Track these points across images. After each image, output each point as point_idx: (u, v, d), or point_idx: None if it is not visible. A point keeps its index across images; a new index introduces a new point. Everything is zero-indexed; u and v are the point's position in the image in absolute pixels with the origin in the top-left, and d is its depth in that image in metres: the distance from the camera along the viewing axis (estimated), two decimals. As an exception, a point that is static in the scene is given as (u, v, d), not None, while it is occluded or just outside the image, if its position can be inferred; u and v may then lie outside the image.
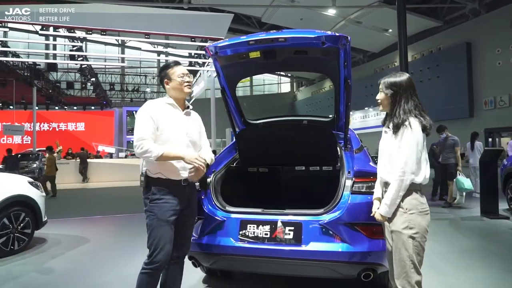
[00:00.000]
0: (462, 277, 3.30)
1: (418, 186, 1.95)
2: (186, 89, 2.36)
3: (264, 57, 2.70)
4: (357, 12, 23.29)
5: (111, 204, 9.12)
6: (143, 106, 2.30)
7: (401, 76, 2.05)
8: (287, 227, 2.44)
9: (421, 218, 1.91)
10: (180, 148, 2.23)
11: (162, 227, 2.17)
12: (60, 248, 4.72)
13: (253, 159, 3.50)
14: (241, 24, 26.20)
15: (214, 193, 2.77)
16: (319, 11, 23.50)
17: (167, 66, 2.40)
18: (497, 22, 20.07)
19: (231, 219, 2.59)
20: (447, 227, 5.47)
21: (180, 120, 2.34)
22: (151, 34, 13.29)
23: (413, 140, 1.91)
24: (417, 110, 1.98)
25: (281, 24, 25.57)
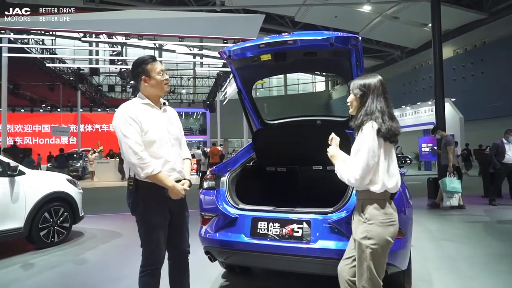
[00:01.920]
0: (484, 281, 3.16)
1: (382, 195, 1.85)
2: (166, 87, 2.24)
3: (275, 59, 2.77)
4: (394, 7, 22.57)
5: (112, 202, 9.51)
6: (121, 110, 2.12)
7: (370, 78, 1.97)
8: (296, 225, 2.49)
9: (382, 229, 1.82)
10: (170, 179, 2.12)
11: (156, 229, 2.14)
12: (95, 242, 5.05)
13: (270, 159, 3.57)
14: (274, 24, 26.27)
15: (228, 191, 2.87)
16: (353, 8, 23.03)
17: (144, 61, 2.18)
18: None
19: (243, 217, 2.68)
20: (480, 230, 5.22)
21: (160, 119, 2.22)
22: (185, 37, 13.72)
23: (362, 146, 1.82)
24: (380, 113, 1.85)
25: (314, 22, 25.32)
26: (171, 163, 2.23)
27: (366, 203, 1.88)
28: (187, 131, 30.70)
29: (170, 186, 2.12)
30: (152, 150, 2.15)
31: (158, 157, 2.17)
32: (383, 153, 1.85)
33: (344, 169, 1.93)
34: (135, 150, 2.04)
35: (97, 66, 21.58)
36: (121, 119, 2.11)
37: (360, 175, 1.81)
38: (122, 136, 2.08)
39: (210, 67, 23.86)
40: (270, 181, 3.66)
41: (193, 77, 27.34)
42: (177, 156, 2.31)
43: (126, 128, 2.08)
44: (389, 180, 1.85)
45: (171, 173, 2.21)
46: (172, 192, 2.13)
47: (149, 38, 13.26)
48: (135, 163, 2.04)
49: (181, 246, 2.33)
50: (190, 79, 27.20)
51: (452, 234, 4.92)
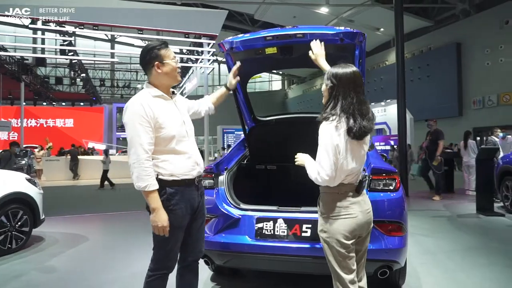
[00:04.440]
0: (470, 274, 3.33)
1: (336, 188, 1.81)
2: (179, 76, 2.05)
3: (281, 53, 2.67)
4: (350, 11, 23.41)
5: (104, 202, 9.00)
6: (134, 106, 1.90)
7: (344, 68, 1.82)
8: (304, 225, 2.43)
9: (337, 223, 1.79)
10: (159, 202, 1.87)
11: (176, 234, 1.97)
12: (59, 247, 4.62)
13: (264, 156, 3.48)
14: (233, 21, 26.11)
15: (227, 190, 2.74)
16: (312, 9, 23.54)
17: (156, 46, 1.97)
18: (486, 22, 20.41)
19: (247, 217, 2.56)
20: (447, 224, 5.54)
21: (175, 111, 2.04)
22: (145, 30, 13.11)
23: (321, 143, 1.77)
24: (349, 113, 1.76)
25: (274, 21, 25.50)
26: (194, 156, 2.07)
27: (322, 196, 1.89)
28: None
29: (154, 208, 1.86)
30: (172, 146, 1.98)
31: (179, 153, 2.00)
32: (349, 151, 1.78)
33: (311, 166, 1.86)
34: (140, 155, 1.85)
35: (43, 56, 19.92)
36: (132, 117, 1.89)
37: (329, 173, 1.74)
38: (130, 136, 1.89)
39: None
40: (266, 179, 3.57)
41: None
42: (196, 148, 2.17)
43: (134, 128, 1.87)
44: (346, 176, 1.80)
45: (195, 167, 2.06)
46: (155, 218, 1.86)
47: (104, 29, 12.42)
48: (134, 171, 1.86)
49: (196, 248, 2.18)
50: (146, 73, 26.12)
51: (424, 229, 5.16)
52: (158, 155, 1.94)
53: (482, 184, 6.33)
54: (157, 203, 1.87)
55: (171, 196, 1.93)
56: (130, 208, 7.37)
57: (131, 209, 7.26)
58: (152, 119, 1.89)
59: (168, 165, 1.95)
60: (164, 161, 1.95)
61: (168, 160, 1.96)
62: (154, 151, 1.92)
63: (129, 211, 7.21)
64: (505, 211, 6.24)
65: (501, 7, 19.75)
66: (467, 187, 8.88)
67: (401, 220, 2.45)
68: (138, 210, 7.02)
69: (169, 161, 1.96)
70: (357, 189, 1.87)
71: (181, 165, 1.99)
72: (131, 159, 1.87)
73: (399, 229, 2.44)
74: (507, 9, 19.48)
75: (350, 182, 1.84)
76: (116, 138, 29.01)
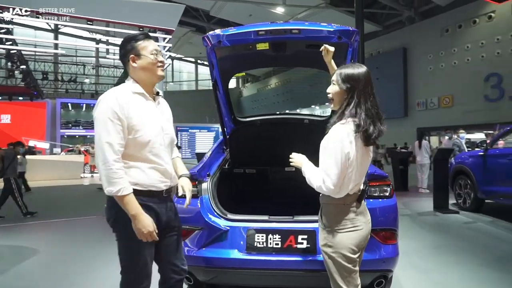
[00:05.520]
0: (445, 274, 3.40)
1: (341, 199, 1.69)
2: (159, 71, 1.83)
3: (274, 49, 2.48)
4: (305, 12, 23.82)
5: (50, 207, 8.19)
6: (106, 100, 1.67)
7: (359, 68, 1.70)
8: (299, 236, 2.28)
9: (343, 236, 1.68)
10: (138, 207, 1.66)
11: (144, 250, 1.74)
12: (5, 263, 4.05)
13: (247, 160, 3.27)
14: (188, 17, 25.42)
15: (212, 199, 2.50)
16: (268, 8, 23.61)
17: (134, 38, 1.80)
18: (429, 30, 21.85)
19: (235, 228, 2.35)
20: (410, 223, 5.72)
21: (154, 114, 1.82)
22: (95, 21, 12.21)
23: (330, 148, 1.63)
24: (370, 115, 1.64)
25: (229, 19, 25.32)
26: (167, 168, 1.85)
27: (326, 208, 1.76)
28: (89, 125, 27.76)
29: (134, 214, 1.65)
30: (144, 153, 1.76)
31: (150, 162, 1.78)
32: (359, 158, 1.66)
33: (313, 173, 1.71)
34: (107, 156, 1.63)
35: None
36: (103, 112, 1.67)
37: (336, 182, 1.60)
38: (99, 134, 1.66)
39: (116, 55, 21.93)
40: (251, 185, 3.35)
41: (96, 66, 24.66)
42: (170, 160, 1.93)
43: (105, 125, 1.65)
44: (350, 186, 1.68)
45: (164, 180, 1.83)
46: (139, 225, 1.65)
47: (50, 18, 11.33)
48: (102, 173, 1.64)
49: (177, 266, 1.94)
50: (94, 67, 24.47)
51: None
52: (126, 159, 1.72)
53: (439, 183, 6.64)
54: (135, 207, 1.65)
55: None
56: (81, 213, 6.77)
57: (81, 215, 6.67)
58: (126, 117, 1.68)
59: (135, 173, 1.74)
60: (132, 167, 1.74)
61: (136, 167, 1.75)
62: (123, 154, 1.70)
63: (80, 217, 6.61)
64: (458, 208, 6.60)
65: (443, 16, 21.25)
66: (420, 185, 9.33)
67: (395, 227, 2.40)
68: (88, 215, 6.49)
69: (137, 168, 1.75)
70: (359, 198, 1.76)
71: (150, 175, 1.77)
72: (99, 159, 1.66)
73: (393, 237, 2.38)
74: (447, 18, 21.00)
75: (354, 192, 1.73)
76: (61, 135, 26.99)
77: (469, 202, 6.45)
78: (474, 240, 4.61)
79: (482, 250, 4.13)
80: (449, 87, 20.76)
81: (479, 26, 19.91)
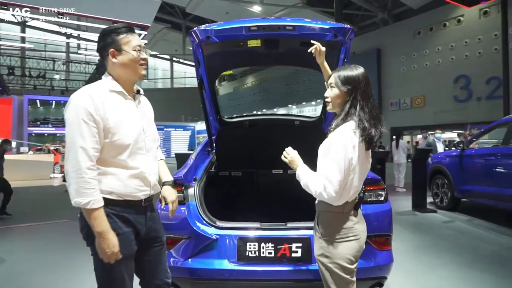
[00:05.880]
0: (429, 276, 3.41)
1: (339, 207, 1.61)
2: (141, 69, 1.65)
3: (266, 46, 2.35)
4: (281, 11, 23.88)
5: (18, 210, 7.71)
6: (78, 98, 1.50)
7: (357, 70, 1.64)
8: (294, 244, 2.17)
9: (342, 246, 1.60)
10: (106, 224, 1.49)
11: (122, 265, 1.58)
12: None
13: (235, 163, 3.12)
14: (164, 13, 24.92)
15: (200, 205, 2.34)
16: (244, 7, 23.51)
17: (115, 30, 1.62)
18: (402, 32, 22.43)
19: (226, 237, 2.21)
20: (390, 223, 5.75)
21: (134, 114, 1.65)
22: (66, 14, 11.67)
23: (333, 153, 1.55)
24: (370, 117, 1.58)
25: (205, 16, 25.05)
26: (146, 175, 1.67)
27: (322, 216, 1.67)
28: (59, 122, 26.63)
29: (100, 231, 1.48)
30: (122, 158, 1.59)
31: (128, 168, 1.60)
32: (360, 164, 1.59)
33: (312, 178, 1.62)
34: (81, 163, 1.46)
35: None
36: (75, 113, 1.49)
37: (337, 190, 1.52)
38: (70, 138, 1.48)
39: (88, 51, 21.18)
40: (238, 189, 3.20)
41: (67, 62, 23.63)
42: (153, 165, 1.75)
43: (79, 127, 1.47)
44: (351, 193, 1.61)
45: (143, 189, 1.66)
46: (103, 244, 1.48)
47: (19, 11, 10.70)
48: (72, 181, 1.46)
49: (159, 278, 1.79)
50: (64, 63, 23.43)
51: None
52: (100, 165, 1.55)
53: (417, 183, 6.74)
54: (103, 224, 1.49)
55: (109, 219, 1.53)
56: (50, 217, 6.40)
57: (51, 218, 6.31)
58: (102, 118, 1.51)
59: (110, 180, 1.57)
60: (107, 174, 1.56)
61: (112, 174, 1.58)
62: (97, 159, 1.53)
63: (49, 221, 6.24)
64: (435, 207, 6.73)
65: (415, 19, 21.86)
66: (396, 184, 9.49)
67: (390, 233, 2.34)
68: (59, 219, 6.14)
69: (112, 175, 1.58)
70: (356, 205, 1.68)
71: (127, 183, 1.60)
72: (69, 165, 1.47)
73: (388, 243, 2.34)
74: (419, 21, 21.62)
75: (353, 199, 1.65)
76: (28, 134, 25.76)
77: (446, 201, 6.59)
78: (455, 240, 4.67)
79: (464, 251, 4.18)
80: (421, 87, 21.39)
81: (449, 29, 20.62)
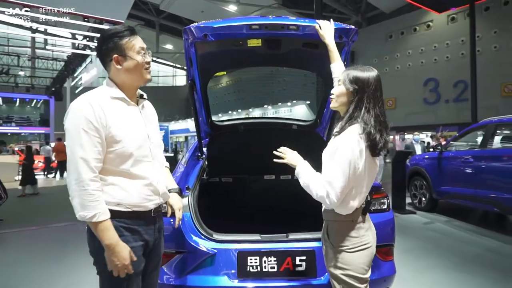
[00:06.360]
0: (420, 280, 3.40)
1: (349, 216, 1.54)
2: (146, 74, 1.57)
3: (267, 47, 2.20)
4: (257, 12, 23.79)
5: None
6: (79, 106, 1.42)
7: (369, 71, 1.56)
8: (297, 257, 2.06)
9: (354, 256, 1.54)
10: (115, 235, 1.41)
11: (131, 284, 1.49)
12: None
13: (229, 169, 2.96)
14: (137, 10, 24.21)
15: (195, 216, 2.18)
16: (220, 6, 23.26)
17: (117, 34, 1.50)
18: (375, 35, 22.96)
19: (224, 251, 2.07)
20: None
21: (138, 121, 1.57)
22: (33, 7, 11.01)
23: (338, 156, 1.48)
24: (377, 123, 1.51)
25: (180, 14, 24.65)
26: (154, 183, 1.58)
27: (332, 226, 1.61)
28: (24, 121, 25.30)
29: (109, 244, 1.39)
30: (126, 167, 1.50)
31: (134, 177, 1.52)
32: (368, 170, 1.53)
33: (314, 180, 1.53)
34: (82, 175, 1.37)
35: None
36: (75, 122, 1.40)
37: (339, 196, 1.45)
38: (71, 149, 1.40)
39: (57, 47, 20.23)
40: (232, 196, 3.04)
41: (32, 58, 22.40)
42: (159, 172, 1.65)
43: (79, 137, 1.39)
44: (359, 199, 1.55)
45: (152, 198, 1.57)
46: (113, 257, 1.40)
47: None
48: (75, 194, 1.37)
49: None
50: (30, 59, 22.21)
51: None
52: (105, 175, 1.46)
53: (397, 184, 6.83)
54: (112, 236, 1.41)
55: (118, 233, 1.45)
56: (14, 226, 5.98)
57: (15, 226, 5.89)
58: (103, 127, 1.43)
59: (117, 191, 1.48)
60: (112, 184, 1.48)
61: (118, 184, 1.49)
62: (102, 169, 1.45)
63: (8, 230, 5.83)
64: (414, 209, 6.84)
65: (387, 23, 22.44)
66: (373, 185, 9.66)
67: (393, 242, 2.28)
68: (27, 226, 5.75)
69: (118, 185, 1.49)
70: (364, 210, 1.61)
71: (134, 193, 1.51)
72: (71, 178, 1.39)
73: (391, 252, 2.29)
74: (391, 25, 22.22)
75: (361, 206, 1.59)
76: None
77: (424, 203, 6.71)
78: (438, 242, 4.74)
79: (449, 253, 4.24)
80: (393, 90, 21.95)
81: (419, 34, 21.32)
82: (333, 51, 2.00)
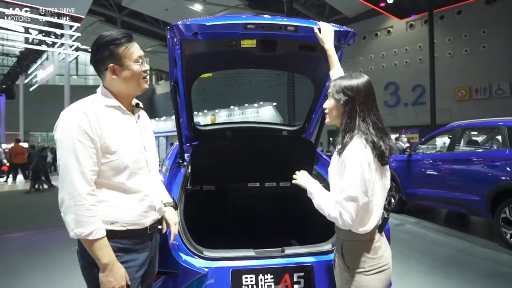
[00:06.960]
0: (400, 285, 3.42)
1: (368, 235, 1.46)
2: (144, 83, 1.47)
3: (261, 48, 2.05)
4: (223, 12, 23.57)
5: None
6: (71, 116, 1.31)
7: (358, 78, 1.51)
8: (295, 274, 1.94)
9: (372, 278, 1.46)
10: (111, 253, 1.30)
11: None
12: None
13: (214, 177, 2.79)
14: (97, 5, 23.06)
15: (183, 233, 1.99)
16: (185, 4, 22.78)
17: (113, 41, 1.38)
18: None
19: (217, 270, 1.89)
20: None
21: (134, 131, 1.47)
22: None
23: (348, 174, 1.40)
24: (375, 129, 1.46)
25: (143, 11, 23.90)
26: (150, 198, 1.48)
27: (347, 246, 1.52)
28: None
29: (106, 263, 1.29)
30: (121, 180, 1.39)
31: (129, 192, 1.41)
32: (380, 183, 1.47)
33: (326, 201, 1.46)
34: (79, 189, 1.26)
35: None
36: (68, 132, 1.29)
37: (353, 217, 1.37)
38: (64, 161, 1.28)
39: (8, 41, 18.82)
40: (218, 207, 2.86)
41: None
42: (156, 186, 1.57)
43: (73, 148, 1.28)
44: (379, 215, 1.49)
45: (148, 214, 1.46)
46: (109, 277, 1.29)
47: None
48: (70, 210, 1.25)
49: None
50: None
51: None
52: (97, 188, 1.34)
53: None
54: (109, 255, 1.30)
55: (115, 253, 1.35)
56: None
57: None
58: (98, 137, 1.32)
59: (111, 208, 1.36)
60: (104, 201, 1.35)
61: (109, 200, 1.36)
62: (94, 183, 1.34)
63: None
64: (383, 211, 6.99)
65: (361, 23, 22.92)
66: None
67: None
68: None
69: (110, 202, 1.36)
70: (380, 228, 1.53)
71: (130, 210, 1.40)
72: (64, 193, 1.27)
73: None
74: (365, 26, 22.77)
75: (377, 223, 1.50)
76: None
77: (393, 204, 6.87)
78: (411, 244, 4.84)
79: (423, 256, 4.33)
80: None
81: (380, 39, 22.11)
82: (333, 57, 1.91)
